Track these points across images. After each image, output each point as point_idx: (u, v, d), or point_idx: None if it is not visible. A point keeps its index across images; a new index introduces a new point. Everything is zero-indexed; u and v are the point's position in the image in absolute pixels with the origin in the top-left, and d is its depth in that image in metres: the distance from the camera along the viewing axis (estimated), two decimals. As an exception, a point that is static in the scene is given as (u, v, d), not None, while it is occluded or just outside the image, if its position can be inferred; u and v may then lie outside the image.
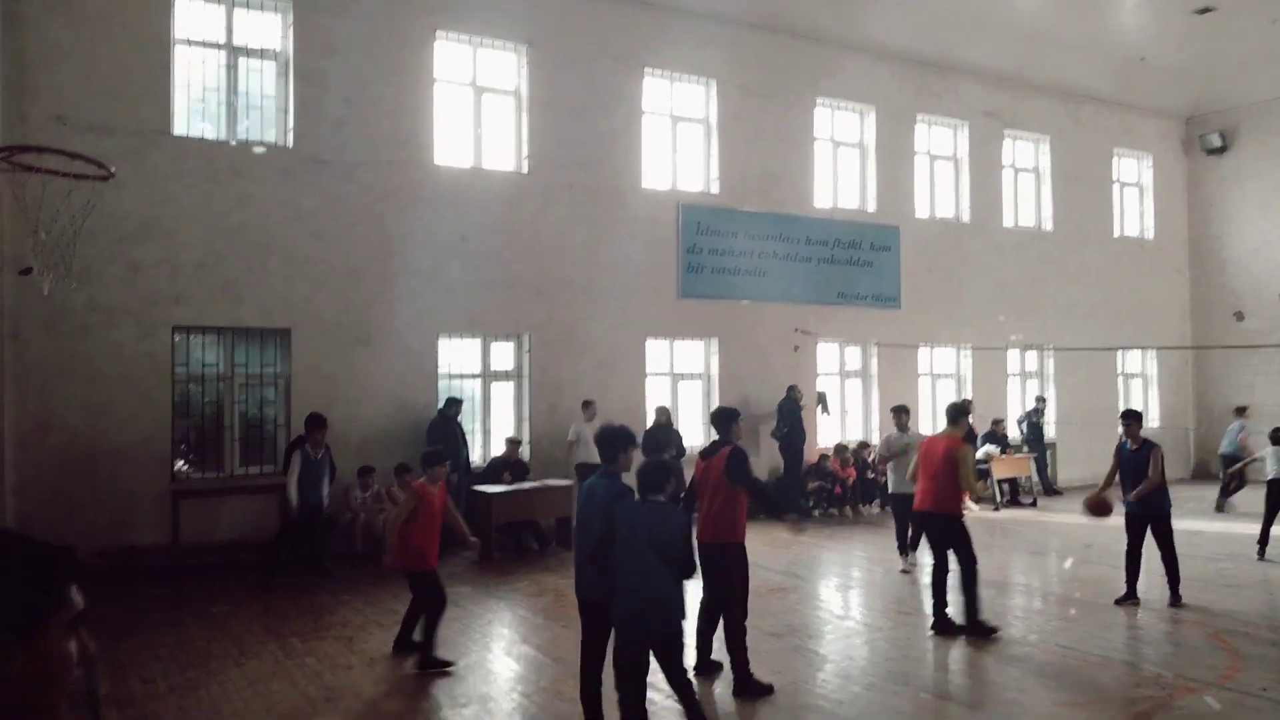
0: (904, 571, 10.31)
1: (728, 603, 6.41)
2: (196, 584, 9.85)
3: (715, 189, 14.85)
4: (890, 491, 11.00)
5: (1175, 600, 8.74)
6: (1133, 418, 9.24)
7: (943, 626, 7.84)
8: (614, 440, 5.53)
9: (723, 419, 6.76)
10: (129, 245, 10.67)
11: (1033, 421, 17.24)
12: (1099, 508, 9.01)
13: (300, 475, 9.95)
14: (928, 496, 8.20)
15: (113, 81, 10.63)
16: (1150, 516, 8.79)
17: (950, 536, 8.04)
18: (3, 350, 9.78)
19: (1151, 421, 19.71)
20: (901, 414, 10.85)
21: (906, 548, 10.44)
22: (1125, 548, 8.93)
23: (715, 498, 6.40)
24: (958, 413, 8.62)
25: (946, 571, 8.05)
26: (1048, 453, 17.53)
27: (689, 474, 7.33)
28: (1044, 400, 17.79)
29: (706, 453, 6.63)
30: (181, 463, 11.15)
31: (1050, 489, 17.21)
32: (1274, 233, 19.25)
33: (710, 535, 6.40)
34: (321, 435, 10.15)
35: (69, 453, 10.34)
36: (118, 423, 10.56)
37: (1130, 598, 8.82)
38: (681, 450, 12.81)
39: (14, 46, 10.02)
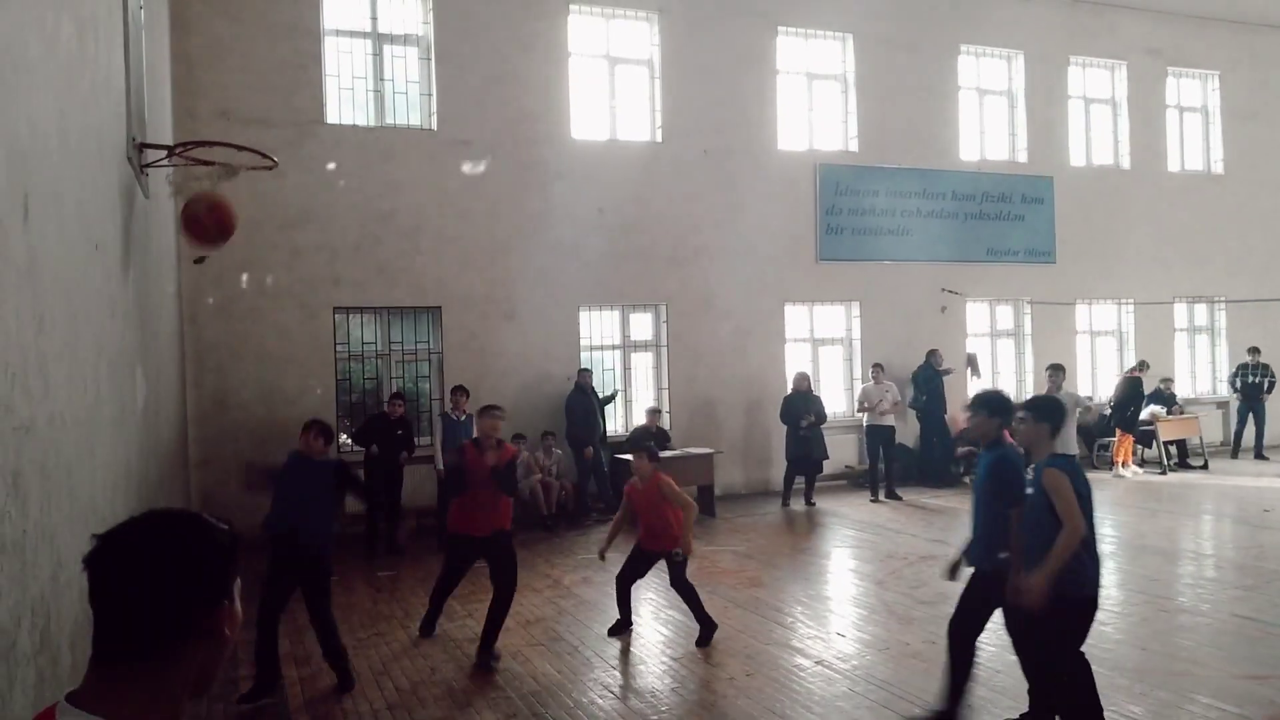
0: None
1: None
2: (362, 550, 10.42)
3: (854, 146, 14.48)
4: None
5: None
6: None
7: None
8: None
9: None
10: (290, 231, 11.29)
11: (1247, 379, 15.73)
12: None
13: (444, 439, 10.42)
14: None
15: (270, 75, 11.22)
16: None
17: None
18: (183, 334, 10.55)
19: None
20: (1057, 373, 11.41)
21: None
22: None
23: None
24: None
25: None
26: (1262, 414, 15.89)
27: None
28: (1258, 351, 15.97)
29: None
30: (345, 436, 11.79)
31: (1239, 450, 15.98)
32: None
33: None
34: (464, 400, 10.67)
35: (244, 429, 11.08)
36: (286, 400, 11.24)
37: None
38: (822, 416, 12.66)
39: (182, 49, 10.69)
